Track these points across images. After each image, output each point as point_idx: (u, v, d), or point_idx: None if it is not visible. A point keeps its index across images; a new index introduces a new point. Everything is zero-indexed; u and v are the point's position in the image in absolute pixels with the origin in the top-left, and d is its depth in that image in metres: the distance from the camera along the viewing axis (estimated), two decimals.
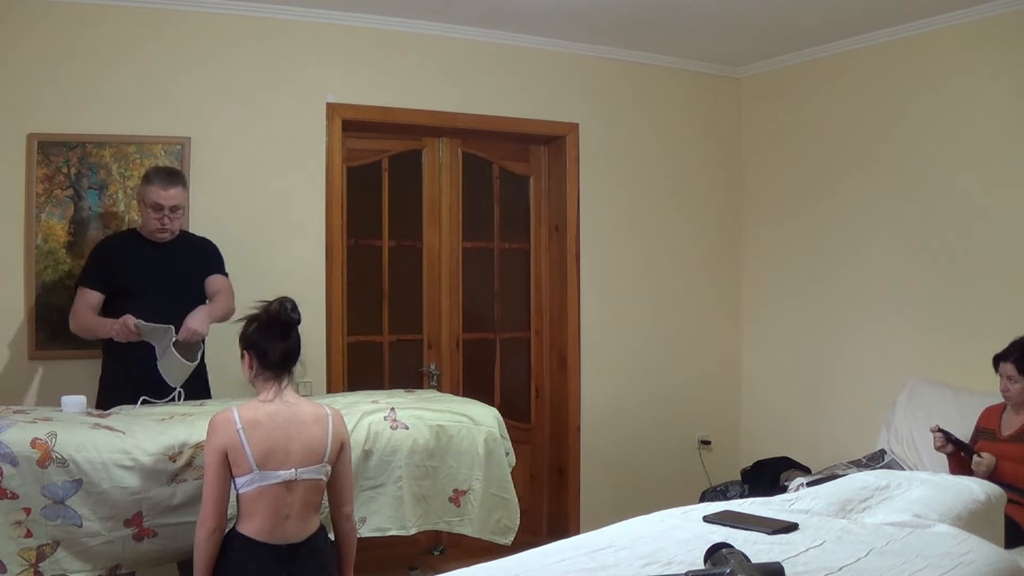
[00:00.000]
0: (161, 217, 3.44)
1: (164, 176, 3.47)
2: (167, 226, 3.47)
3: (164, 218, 3.45)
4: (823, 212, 4.97)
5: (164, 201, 3.43)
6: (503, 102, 4.75)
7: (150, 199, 3.43)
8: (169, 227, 3.48)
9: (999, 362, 3.65)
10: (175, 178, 3.50)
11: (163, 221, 3.45)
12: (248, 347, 2.66)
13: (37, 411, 2.88)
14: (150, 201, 3.43)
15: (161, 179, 3.44)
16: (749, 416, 5.42)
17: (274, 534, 2.55)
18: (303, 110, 4.29)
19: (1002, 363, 3.63)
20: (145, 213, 3.49)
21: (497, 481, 3.27)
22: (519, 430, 4.69)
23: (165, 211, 3.44)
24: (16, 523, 2.51)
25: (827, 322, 4.95)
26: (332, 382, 4.35)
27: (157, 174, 3.49)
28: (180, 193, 3.48)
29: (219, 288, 3.59)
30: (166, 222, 3.46)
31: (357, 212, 4.58)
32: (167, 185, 3.44)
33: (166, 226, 3.47)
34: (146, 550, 2.69)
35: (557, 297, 5.05)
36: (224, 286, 3.61)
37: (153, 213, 3.44)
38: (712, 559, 1.97)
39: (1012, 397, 3.61)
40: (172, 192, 3.44)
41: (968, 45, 4.26)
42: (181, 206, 3.51)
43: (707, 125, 5.36)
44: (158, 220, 3.45)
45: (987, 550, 2.25)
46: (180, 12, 4.04)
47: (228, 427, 2.55)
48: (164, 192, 3.42)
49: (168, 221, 3.46)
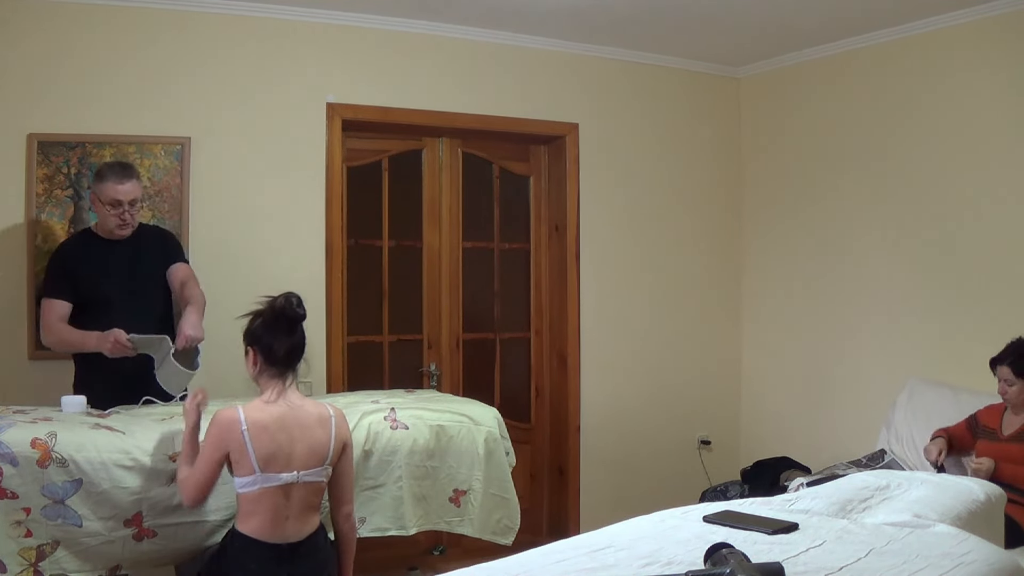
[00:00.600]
0: (121, 213, 3.34)
1: (118, 171, 3.36)
2: (127, 221, 3.37)
3: (124, 213, 3.34)
4: (823, 212, 4.97)
5: (122, 196, 3.32)
6: (503, 102, 4.75)
7: (107, 196, 3.32)
8: (130, 222, 3.38)
9: (995, 365, 3.65)
10: (129, 171, 3.40)
11: (123, 216, 3.35)
12: (253, 343, 2.64)
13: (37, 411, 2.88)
14: (107, 198, 3.32)
15: (115, 174, 3.34)
16: (749, 416, 5.42)
17: (274, 533, 2.56)
18: (303, 110, 4.30)
19: (999, 366, 3.63)
20: (102, 211, 3.37)
21: (497, 481, 3.27)
22: (519, 430, 4.69)
23: (124, 206, 3.33)
24: (16, 523, 2.51)
25: (827, 322, 4.95)
26: (332, 382, 4.35)
27: (111, 169, 3.38)
28: (136, 186, 3.38)
29: (184, 277, 3.48)
30: (126, 217, 3.36)
31: (357, 212, 4.58)
32: (123, 179, 3.33)
33: (127, 221, 3.37)
34: (146, 550, 2.69)
35: (557, 297, 5.05)
36: (188, 274, 3.52)
37: (112, 210, 3.33)
38: (712, 559, 1.97)
39: (1010, 399, 3.61)
40: (128, 186, 3.34)
41: (968, 45, 4.26)
42: (138, 199, 3.41)
43: (707, 125, 5.36)
44: (118, 216, 3.34)
45: (987, 550, 2.25)
46: (180, 12, 4.04)
47: (233, 428, 2.54)
48: (121, 187, 3.31)
49: (128, 216, 3.36)
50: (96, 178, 3.38)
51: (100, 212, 3.40)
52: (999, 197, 4.16)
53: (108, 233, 3.40)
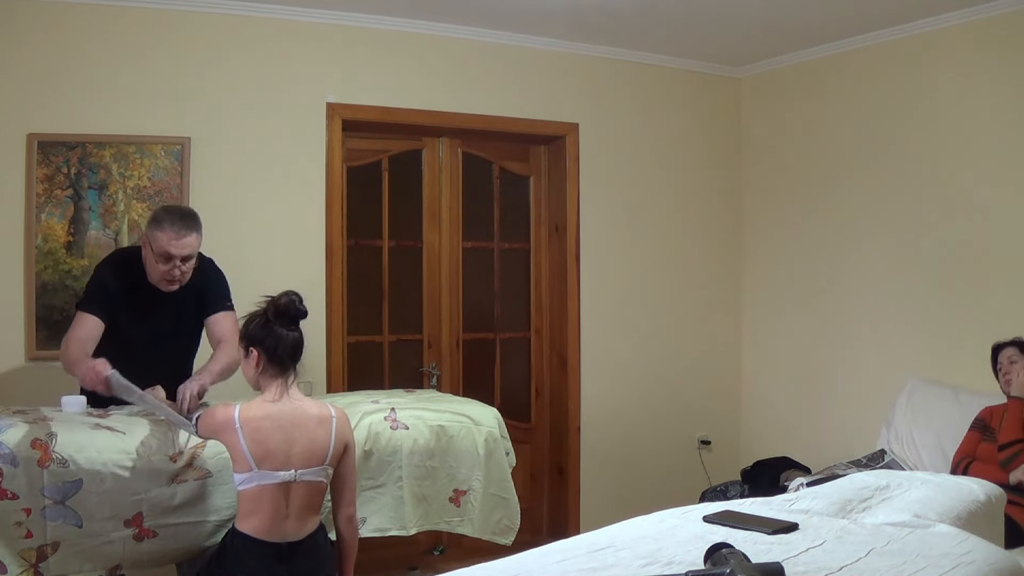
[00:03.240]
0: (170, 269, 2.92)
1: (177, 220, 2.91)
2: (176, 278, 2.95)
3: (174, 270, 2.92)
4: (823, 212, 4.97)
5: (176, 251, 2.90)
6: (503, 102, 4.75)
7: (159, 246, 2.89)
8: (178, 279, 2.95)
9: (998, 351, 3.64)
10: (190, 222, 2.94)
11: (172, 273, 2.93)
12: (255, 343, 2.63)
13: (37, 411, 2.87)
14: (159, 249, 2.89)
15: (174, 223, 2.89)
16: (749, 416, 5.42)
17: (273, 532, 2.55)
18: (303, 110, 4.30)
19: (1003, 350, 3.63)
20: (151, 259, 2.94)
21: (497, 481, 3.27)
22: (519, 430, 4.69)
23: (176, 261, 2.91)
24: (16, 523, 2.51)
25: (827, 322, 4.95)
26: (332, 382, 4.35)
27: (168, 216, 2.91)
28: (195, 240, 2.94)
29: (221, 336, 3.08)
30: (176, 274, 2.93)
31: (357, 212, 4.58)
32: (181, 232, 2.89)
33: (175, 278, 2.95)
34: (146, 550, 2.69)
35: (557, 297, 5.05)
36: (225, 333, 3.09)
37: (162, 264, 2.91)
38: (712, 559, 1.97)
39: (1012, 381, 3.59)
40: (187, 240, 2.91)
41: (967, 45, 4.26)
42: (194, 255, 2.97)
43: (707, 125, 5.36)
44: (167, 272, 2.92)
45: (987, 550, 2.25)
46: (180, 12, 4.04)
47: (227, 425, 2.55)
48: (178, 240, 2.89)
49: (179, 273, 2.94)
50: (152, 223, 2.94)
51: (148, 260, 2.97)
52: (999, 197, 4.16)
53: (155, 282, 3.01)
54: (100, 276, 3.09)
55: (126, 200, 3.96)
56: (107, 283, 3.04)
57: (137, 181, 3.97)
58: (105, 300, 2.98)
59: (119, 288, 3.02)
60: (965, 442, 3.70)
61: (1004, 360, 3.64)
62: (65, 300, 3.82)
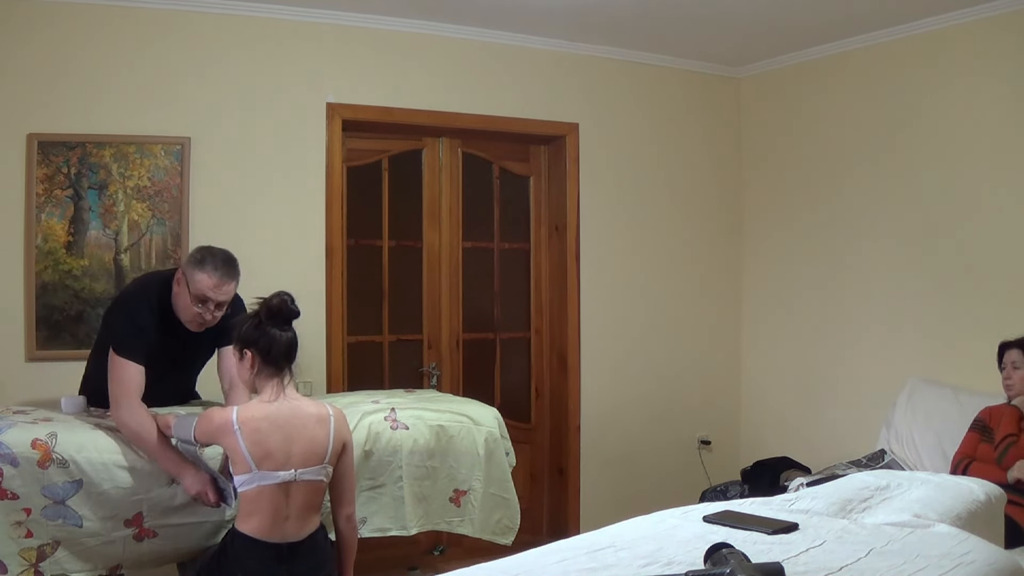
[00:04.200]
0: (203, 312, 2.90)
1: (221, 265, 2.88)
2: (207, 322, 2.93)
3: (207, 314, 2.91)
4: (823, 212, 4.97)
5: (214, 296, 2.88)
6: (503, 102, 4.75)
7: (197, 289, 2.86)
8: (209, 323, 2.93)
9: (1004, 350, 3.63)
10: (232, 271, 2.92)
11: (204, 317, 2.91)
12: (249, 345, 2.63)
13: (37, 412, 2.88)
14: (197, 291, 2.86)
15: (217, 268, 2.87)
16: (749, 416, 5.42)
17: (273, 533, 2.56)
18: (303, 110, 4.29)
19: (1008, 350, 3.62)
20: (184, 297, 2.89)
21: (497, 481, 3.27)
22: (519, 430, 4.69)
23: (210, 305, 2.89)
24: (17, 523, 2.51)
25: (827, 322, 4.95)
26: (332, 382, 4.35)
27: (212, 260, 2.88)
28: (233, 288, 2.93)
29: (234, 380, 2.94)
30: (207, 317, 2.91)
31: (357, 212, 4.58)
32: (223, 279, 2.88)
33: (206, 322, 2.93)
34: (147, 550, 2.69)
35: (557, 297, 5.05)
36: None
37: (197, 306, 2.88)
38: (712, 559, 1.97)
39: (1013, 386, 3.59)
40: (227, 288, 2.90)
41: (968, 45, 4.26)
42: (228, 302, 2.94)
43: (707, 125, 5.36)
44: (199, 315, 2.90)
45: (987, 550, 2.25)
46: (180, 12, 4.04)
47: (225, 428, 2.55)
48: (218, 288, 2.87)
49: (210, 317, 2.92)
50: (195, 263, 2.89)
51: (181, 298, 2.91)
52: (999, 197, 4.16)
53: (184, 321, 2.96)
54: (137, 318, 2.92)
55: (126, 200, 3.96)
56: (145, 327, 2.91)
57: (137, 181, 3.97)
58: (145, 346, 2.87)
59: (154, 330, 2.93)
60: (965, 442, 3.70)
61: (1008, 362, 3.63)
62: (65, 300, 3.83)
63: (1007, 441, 3.49)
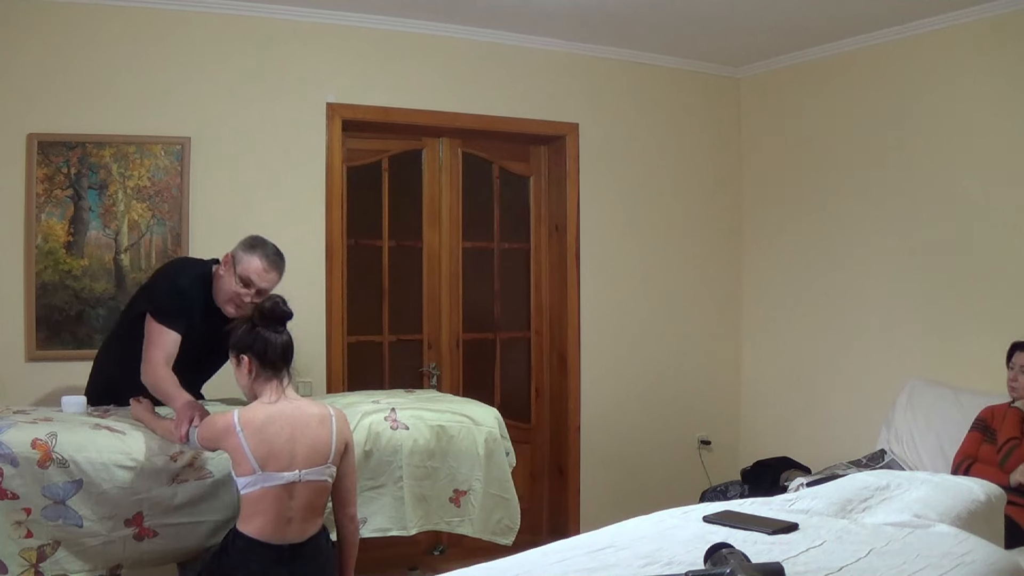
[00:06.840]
0: (244, 295, 2.99)
1: (272, 254, 3.03)
2: (244, 304, 2.98)
3: (247, 296, 2.99)
4: (823, 212, 4.97)
5: (259, 281, 2.99)
6: (503, 102, 4.75)
7: (245, 269, 2.98)
8: (244, 309, 2.95)
9: (1015, 351, 3.62)
10: (280, 263, 3.05)
11: (243, 299, 2.99)
12: (244, 349, 2.64)
13: (37, 411, 2.88)
14: (243, 271, 2.98)
15: (268, 255, 3.01)
16: (749, 416, 5.42)
17: (276, 535, 2.55)
18: (303, 110, 4.30)
19: (1019, 352, 3.61)
20: (227, 279, 3.01)
21: (497, 481, 3.27)
22: (519, 430, 4.68)
23: (252, 291, 2.99)
24: (17, 523, 2.51)
25: (827, 322, 4.95)
26: (332, 382, 4.35)
27: (264, 247, 3.03)
28: (277, 280, 3.05)
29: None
30: (246, 301, 2.98)
31: (357, 212, 4.58)
32: (272, 268, 3.01)
33: (243, 304, 2.99)
34: (147, 550, 2.69)
35: (557, 297, 5.05)
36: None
37: (240, 287, 2.98)
38: (712, 559, 1.97)
39: (1019, 388, 3.58)
40: (272, 277, 3.02)
41: (968, 45, 4.26)
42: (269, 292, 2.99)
43: (707, 125, 5.36)
44: (238, 297, 3.00)
45: (987, 550, 2.25)
46: (180, 12, 4.04)
47: (228, 431, 2.55)
48: (266, 273, 3.00)
49: (248, 300, 2.99)
50: (247, 247, 3.03)
51: (225, 280, 3.03)
52: (999, 197, 4.16)
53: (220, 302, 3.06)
54: (183, 289, 3.05)
55: (126, 200, 3.96)
56: (191, 299, 3.03)
57: (137, 181, 3.97)
58: (185, 314, 2.98)
59: (193, 312, 3.02)
60: (966, 443, 3.70)
61: (1017, 363, 3.62)
62: (65, 300, 3.83)
63: (1010, 444, 3.48)
